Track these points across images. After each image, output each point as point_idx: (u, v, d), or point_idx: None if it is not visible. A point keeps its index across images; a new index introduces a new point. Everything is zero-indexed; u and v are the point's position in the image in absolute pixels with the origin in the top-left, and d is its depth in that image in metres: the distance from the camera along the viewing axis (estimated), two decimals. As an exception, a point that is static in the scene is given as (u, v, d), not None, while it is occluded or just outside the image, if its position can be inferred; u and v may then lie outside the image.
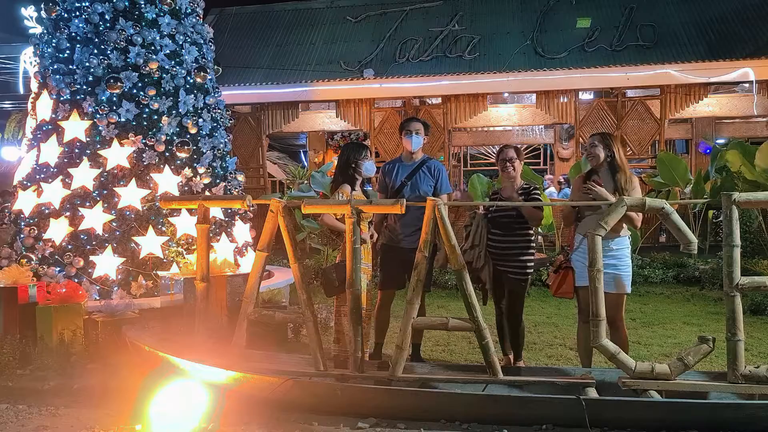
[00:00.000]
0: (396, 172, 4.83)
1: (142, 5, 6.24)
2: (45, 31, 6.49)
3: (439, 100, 14.24)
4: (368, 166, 4.65)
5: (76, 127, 6.00)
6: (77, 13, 6.23)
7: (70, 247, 5.80)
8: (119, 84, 5.99)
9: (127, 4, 6.18)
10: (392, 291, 4.86)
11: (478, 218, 4.62)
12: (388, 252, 4.80)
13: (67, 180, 5.93)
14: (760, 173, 9.10)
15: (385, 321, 4.85)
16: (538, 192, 4.70)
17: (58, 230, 5.81)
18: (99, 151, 5.97)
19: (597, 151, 4.27)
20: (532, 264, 4.64)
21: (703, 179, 11.03)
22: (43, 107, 6.33)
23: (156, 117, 6.17)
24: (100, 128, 5.98)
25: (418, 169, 4.77)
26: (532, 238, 4.67)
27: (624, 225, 4.18)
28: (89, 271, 5.72)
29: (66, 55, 6.24)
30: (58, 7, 6.35)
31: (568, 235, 4.53)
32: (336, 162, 5.00)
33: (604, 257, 4.03)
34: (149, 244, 5.83)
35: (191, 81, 6.46)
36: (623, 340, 4.21)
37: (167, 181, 6.05)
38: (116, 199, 5.88)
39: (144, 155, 6.04)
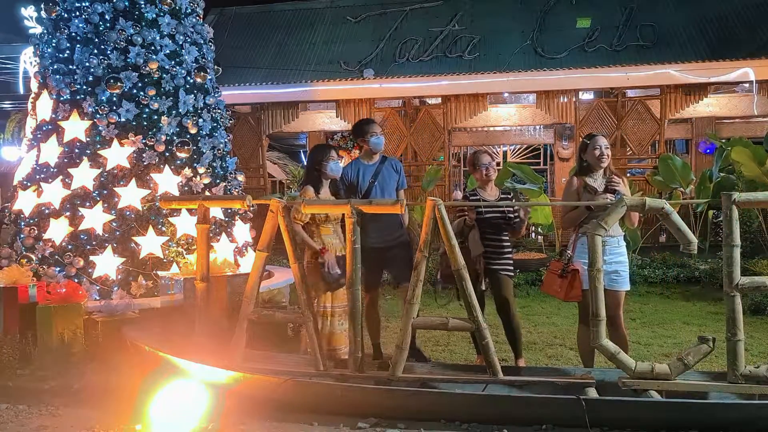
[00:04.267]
0: (361, 173, 4.87)
1: (142, 5, 6.24)
2: (45, 31, 6.49)
3: (439, 100, 14.22)
4: (332, 167, 4.64)
5: (76, 127, 6.00)
6: (77, 13, 6.23)
7: (70, 247, 5.80)
8: (119, 84, 5.99)
9: (127, 4, 6.18)
10: (375, 291, 4.90)
11: (472, 231, 4.66)
12: (369, 254, 4.65)
13: (67, 180, 5.93)
14: (766, 172, 9.08)
15: (375, 320, 4.89)
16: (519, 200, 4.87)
17: (58, 230, 5.81)
18: (99, 151, 5.97)
19: (609, 152, 4.30)
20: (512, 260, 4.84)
21: (708, 179, 11.02)
22: (43, 107, 6.32)
23: (156, 117, 6.17)
24: (100, 128, 5.98)
25: (381, 167, 4.90)
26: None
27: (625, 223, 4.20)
28: (89, 271, 5.72)
29: (66, 55, 6.24)
30: (58, 7, 6.35)
31: (569, 234, 4.53)
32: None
33: (612, 255, 4.05)
34: (149, 244, 5.83)
35: (191, 81, 6.46)
36: (623, 339, 4.21)
37: (167, 181, 6.05)
38: (116, 199, 5.88)
39: (144, 155, 6.04)
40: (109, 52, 6.07)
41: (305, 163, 5.01)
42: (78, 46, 6.19)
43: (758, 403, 3.50)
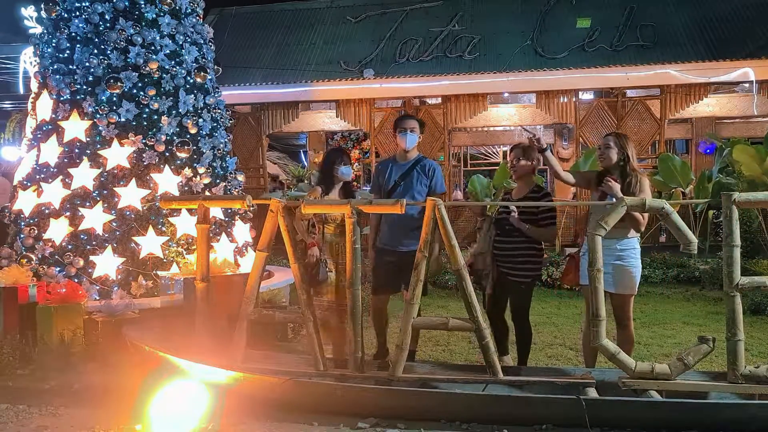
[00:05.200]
0: (389, 172, 4.70)
1: (142, 5, 6.24)
2: (45, 31, 6.49)
3: (439, 100, 14.23)
4: (343, 170, 4.64)
5: (76, 127, 6.00)
6: (77, 13, 6.23)
7: (70, 247, 5.80)
8: (119, 84, 5.99)
9: (127, 4, 6.18)
10: (386, 296, 4.80)
11: (489, 222, 4.55)
12: (380, 255, 4.70)
13: (67, 180, 5.93)
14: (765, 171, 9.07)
15: (383, 321, 4.85)
16: (550, 198, 4.58)
17: (58, 230, 5.81)
18: (99, 151, 5.97)
19: (611, 153, 4.21)
20: (537, 267, 4.54)
21: (707, 179, 11.04)
22: (43, 107, 6.32)
23: (156, 117, 6.17)
24: (100, 128, 5.98)
25: (412, 168, 4.63)
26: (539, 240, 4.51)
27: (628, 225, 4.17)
28: (89, 271, 5.72)
29: (66, 55, 6.24)
30: (58, 7, 6.35)
31: (569, 234, 4.56)
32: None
33: (612, 257, 4.03)
34: (149, 244, 5.83)
35: (191, 81, 6.46)
36: (630, 340, 4.20)
37: (167, 181, 6.05)
38: (116, 199, 5.88)
39: (144, 155, 6.04)
40: (109, 52, 6.07)
41: (309, 165, 5.01)
42: (78, 46, 6.19)
43: (758, 403, 3.50)
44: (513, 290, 4.49)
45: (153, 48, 6.20)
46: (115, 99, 6.02)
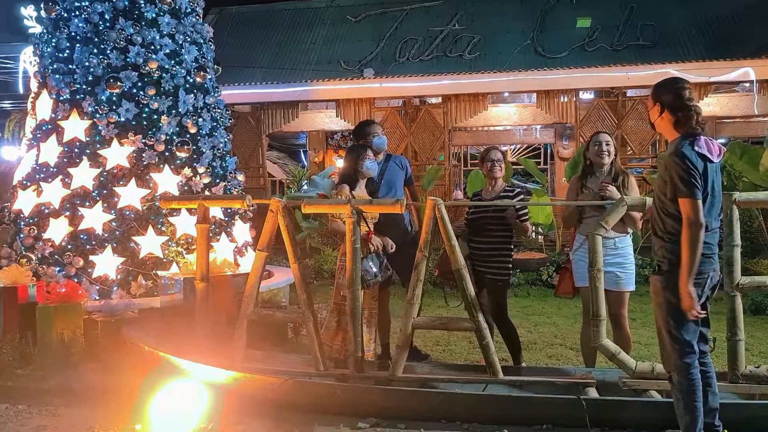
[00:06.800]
0: None
1: (142, 5, 6.24)
2: (45, 31, 6.49)
3: (440, 99, 14.21)
4: (368, 165, 4.63)
5: (75, 127, 6.00)
6: (77, 13, 6.23)
7: (69, 246, 5.80)
8: (119, 83, 5.98)
9: (126, 3, 6.18)
10: (383, 291, 4.81)
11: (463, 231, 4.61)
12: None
13: (66, 180, 5.93)
14: (765, 173, 9.04)
15: (385, 320, 4.86)
16: (523, 196, 4.62)
17: (57, 230, 5.81)
18: (99, 151, 5.97)
19: (611, 150, 4.24)
20: (509, 265, 4.56)
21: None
22: (43, 107, 6.32)
23: (156, 117, 6.17)
24: (100, 128, 5.98)
25: (386, 166, 4.92)
26: (511, 239, 4.57)
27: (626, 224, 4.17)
28: (89, 270, 5.72)
29: (66, 54, 6.23)
30: (57, 7, 6.35)
31: (569, 234, 4.53)
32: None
33: (608, 256, 4.03)
34: (149, 243, 5.82)
35: (191, 80, 6.46)
36: (626, 339, 4.20)
37: (167, 180, 6.05)
38: (116, 199, 5.88)
39: (144, 155, 6.03)
40: (108, 51, 6.07)
41: (342, 163, 4.95)
42: (78, 45, 6.18)
43: (758, 403, 3.50)
44: (490, 290, 4.52)
45: (153, 47, 6.20)
46: (114, 99, 6.02)
